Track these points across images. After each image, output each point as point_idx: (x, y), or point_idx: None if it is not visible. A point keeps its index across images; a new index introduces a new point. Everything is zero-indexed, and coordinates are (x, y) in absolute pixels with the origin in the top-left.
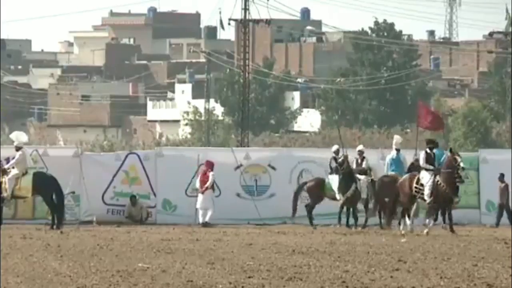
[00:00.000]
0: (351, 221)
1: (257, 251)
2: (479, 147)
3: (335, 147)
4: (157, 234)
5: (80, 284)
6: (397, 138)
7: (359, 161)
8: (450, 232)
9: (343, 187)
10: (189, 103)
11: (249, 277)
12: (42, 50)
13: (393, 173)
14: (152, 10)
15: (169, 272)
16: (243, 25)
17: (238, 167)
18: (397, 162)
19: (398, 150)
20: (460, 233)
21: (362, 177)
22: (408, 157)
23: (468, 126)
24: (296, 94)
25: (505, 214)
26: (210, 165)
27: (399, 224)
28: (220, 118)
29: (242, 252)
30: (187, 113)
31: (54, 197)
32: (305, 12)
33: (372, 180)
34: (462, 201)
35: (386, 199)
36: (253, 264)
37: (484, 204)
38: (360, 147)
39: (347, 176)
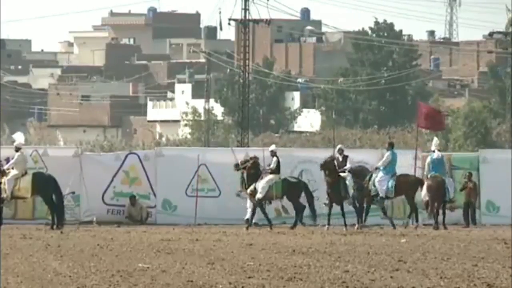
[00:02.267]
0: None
1: (257, 251)
2: (479, 147)
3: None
4: (157, 234)
5: (80, 284)
6: (436, 140)
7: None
8: None
9: (246, 187)
10: (187, 103)
11: (249, 277)
12: (42, 50)
13: (435, 174)
14: (152, 10)
15: (169, 272)
16: (243, 25)
17: None
18: (439, 163)
19: (439, 150)
20: (460, 233)
21: (270, 176)
22: (407, 157)
23: (469, 126)
24: (296, 94)
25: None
26: None
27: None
28: (220, 118)
29: (242, 252)
30: (186, 113)
31: (53, 197)
32: (305, 12)
33: (285, 179)
34: (462, 201)
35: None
36: (253, 264)
37: (484, 204)
38: (272, 147)
39: (252, 176)
